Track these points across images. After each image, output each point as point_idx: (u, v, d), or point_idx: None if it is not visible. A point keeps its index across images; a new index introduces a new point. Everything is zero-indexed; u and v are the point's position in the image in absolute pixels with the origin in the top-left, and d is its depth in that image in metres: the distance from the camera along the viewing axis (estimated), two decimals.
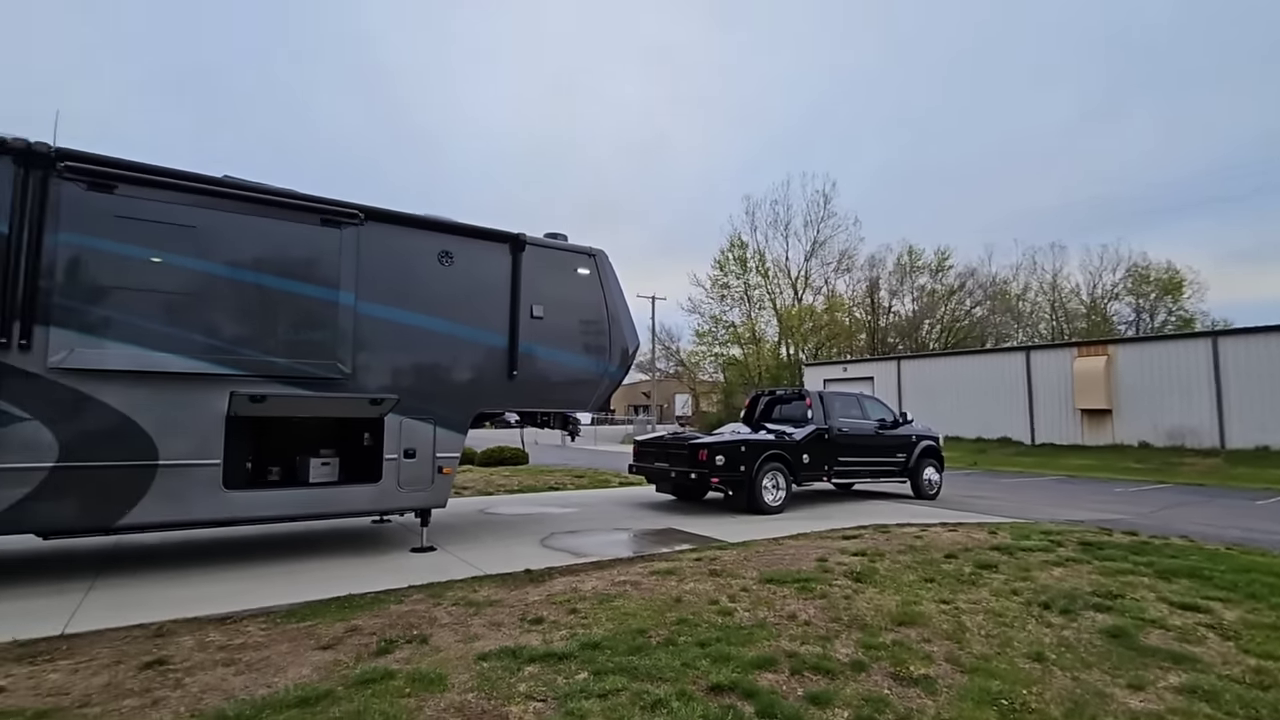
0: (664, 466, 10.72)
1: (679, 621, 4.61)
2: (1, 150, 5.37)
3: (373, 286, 6.93)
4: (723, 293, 48.15)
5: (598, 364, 8.47)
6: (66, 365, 5.48)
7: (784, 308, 47.06)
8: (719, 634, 4.38)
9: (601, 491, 13.25)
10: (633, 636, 4.26)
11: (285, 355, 6.42)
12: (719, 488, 10.15)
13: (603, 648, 4.05)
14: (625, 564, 6.53)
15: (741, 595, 5.33)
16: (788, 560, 6.62)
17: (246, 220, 6.42)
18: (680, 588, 5.52)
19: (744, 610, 4.94)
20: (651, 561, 6.59)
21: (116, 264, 5.76)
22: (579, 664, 3.81)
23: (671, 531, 8.61)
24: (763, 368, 44.71)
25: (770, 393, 13.22)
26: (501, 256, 7.88)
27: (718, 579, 5.83)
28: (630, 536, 8.39)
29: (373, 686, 3.45)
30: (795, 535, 8.12)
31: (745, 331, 48.05)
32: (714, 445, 10.06)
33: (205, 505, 6.04)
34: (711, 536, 8.09)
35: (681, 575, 5.95)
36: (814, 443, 11.06)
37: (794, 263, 48.44)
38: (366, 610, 4.88)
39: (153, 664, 3.78)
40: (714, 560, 6.57)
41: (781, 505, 10.26)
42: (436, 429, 7.26)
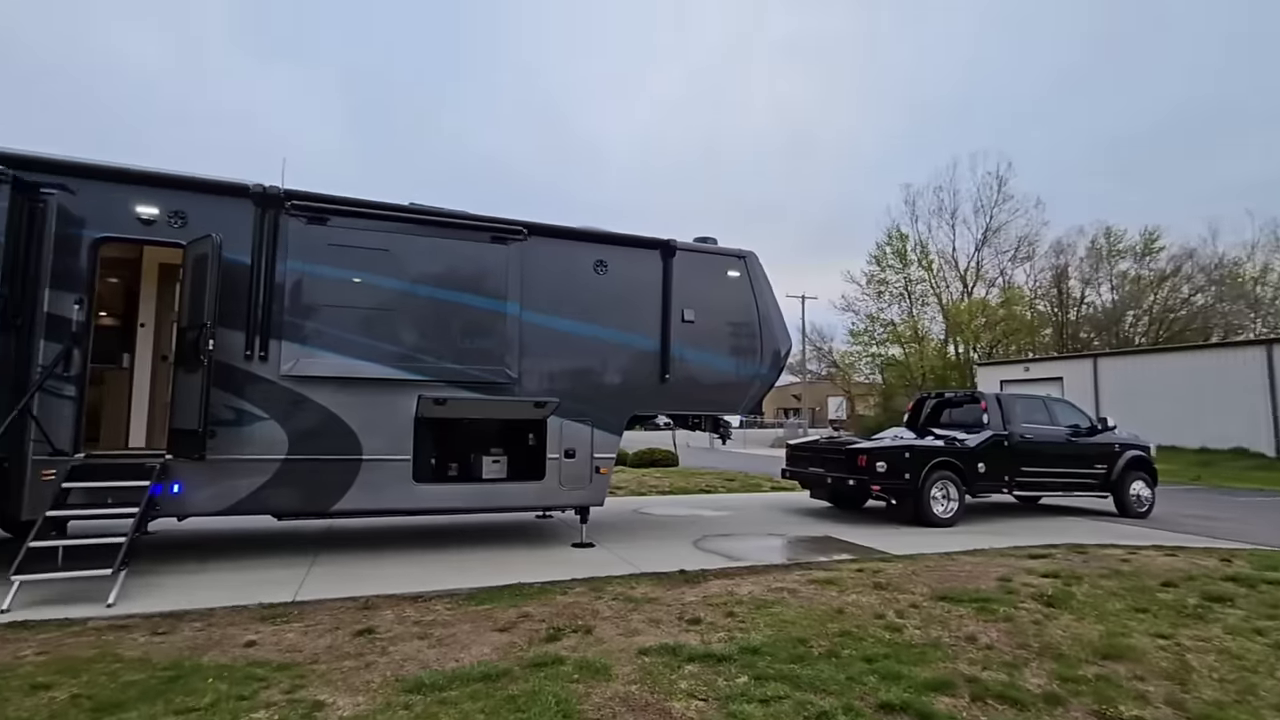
0: (819, 472, 10.34)
1: (842, 634, 4.41)
2: (245, 195, 6.46)
3: (535, 296, 7.42)
4: (880, 289, 45.32)
5: (749, 366, 8.39)
6: (293, 373, 6.45)
7: (951, 303, 43.35)
8: (887, 650, 4.14)
9: (753, 495, 13.07)
10: (793, 645, 4.15)
11: (461, 362, 7.06)
12: (880, 496, 9.59)
13: (762, 653, 3.99)
14: (781, 570, 6.38)
15: (911, 612, 4.99)
16: (963, 578, 6.09)
17: (428, 241, 7.17)
18: (842, 599, 5.28)
19: (914, 628, 4.62)
20: (809, 570, 6.38)
21: (328, 285, 6.69)
22: (739, 667, 3.79)
23: (829, 540, 8.27)
24: (926, 368, 41.52)
25: (938, 395, 12.25)
26: (653, 263, 8.07)
27: (883, 593, 5.51)
28: (785, 543, 8.19)
29: (545, 669, 3.68)
30: (970, 551, 7.45)
31: (906, 330, 44.88)
32: (875, 451, 9.53)
33: (398, 496, 6.81)
34: (873, 547, 7.66)
35: (842, 586, 5.69)
36: (991, 450, 10.08)
37: (962, 253, 44.46)
38: (535, 599, 5.21)
39: (363, 632, 4.33)
40: (878, 573, 6.22)
41: (953, 518, 9.46)
42: (594, 430, 7.59)
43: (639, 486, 13.72)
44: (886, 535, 8.52)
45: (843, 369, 51.37)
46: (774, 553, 7.51)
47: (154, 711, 3.11)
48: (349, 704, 3.25)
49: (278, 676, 3.55)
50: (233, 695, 3.29)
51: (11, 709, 3.12)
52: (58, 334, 5.85)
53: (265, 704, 3.22)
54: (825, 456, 10.41)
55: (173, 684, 3.43)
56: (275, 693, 3.35)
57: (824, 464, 10.31)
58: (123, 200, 6.15)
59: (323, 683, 3.50)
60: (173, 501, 6.06)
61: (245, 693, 3.33)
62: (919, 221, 45.76)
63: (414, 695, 3.34)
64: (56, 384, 5.82)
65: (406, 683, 3.49)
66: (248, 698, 3.28)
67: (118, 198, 6.14)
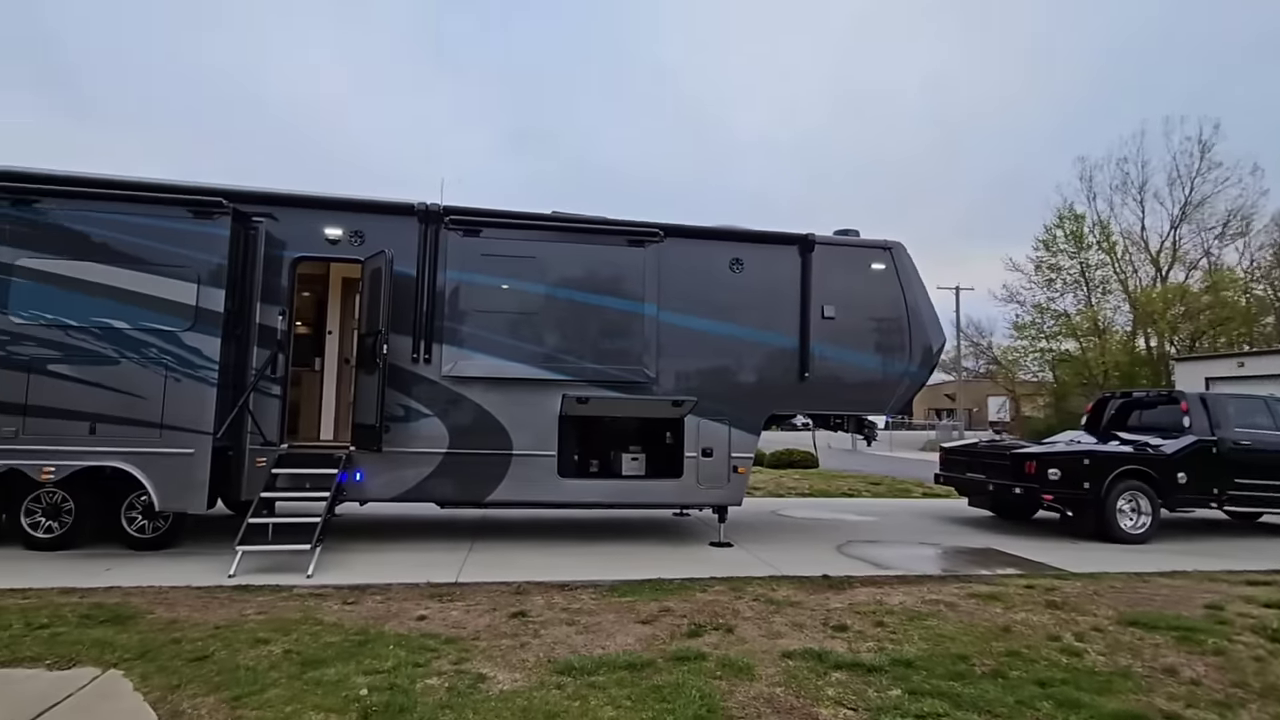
0: (979, 478, 9.51)
1: (1009, 654, 4.03)
2: (410, 213, 7.14)
3: (672, 297, 7.51)
4: (1050, 276, 40.32)
5: (896, 364, 7.91)
6: (453, 374, 7.04)
7: (1140, 290, 37.82)
8: (1064, 675, 3.72)
9: (901, 501, 12.31)
10: (952, 661, 3.86)
11: (601, 362, 7.32)
12: (1053, 507, 8.65)
13: (917, 667, 3.75)
14: (936, 582, 5.96)
15: (1093, 636, 4.45)
16: (1159, 602, 5.34)
17: (570, 247, 7.51)
18: (1008, 616, 4.83)
19: (1098, 654, 4.12)
20: (968, 583, 5.90)
21: (481, 292, 7.21)
22: (890, 679, 3.59)
23: (991, 552, 7.59)
24: (1109, 365, 36.55)
25: (1124, 395, 10.80)
26: (790, 258, 7.87)
27: (1058, 612, 4.97)
28: (939, 553, 7.63)
29: (687, 664, 3.72)
30: (1168, 573, 6.50)
31: (1084, 321, 39.74)
32: (1046, 456, 8.60)
33: (545, 489, 7.19)
34: (1044, 563, 6.92)
35: (1008, 602, 5.20)
36: (1194, 458, 8.73)
37: (1154, 233, 38.45)
38: (675, 595, 5.27)
39: (517, 614, 4.62)
40: (1051, 590, 5.61)
41: (1144, 534, 8.31)
42: (731, 430, 7.54)
43: (777, 488, 13.43)
44: (1061, 550, 7.66)
45: (1005, 366, 46.60)
46: (927, 562, 7.03)
47: (348, 670, 3.53)
48: (508, 679, 3.49)
49: (446, 649, 3.90)
50: (410, 662, 3.66)
51: (241, 657, 3.69)
52: (266, 342, 6.84)
53: (437, 672, 3.55)
54: (987, 461, 9.56)
55: (361, 647, 3.87)
56: (445, 663, 3.68)
57: (985, 469, 9.48)
58: (314, 224, 7.05)
59: (484, 658, 3.78)
60: (356, 488, 6.85)
61: (420, 660, 3.69)
62: (1097, 199, 40.25)
63: (565, 677, 3.52)
64: (266, 384, 6.80)
65: (558, 664, 3.69)
66: (422, 665, 3.63)
67: (310, 222, 7.05)
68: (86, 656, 3.69)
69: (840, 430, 8.99)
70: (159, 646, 3.84)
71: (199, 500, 6.26)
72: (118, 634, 4.03)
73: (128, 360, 6.20)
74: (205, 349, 6.31)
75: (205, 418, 6.26)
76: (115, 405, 6.16)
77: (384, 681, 3.38)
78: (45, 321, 6.11)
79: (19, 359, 6.05)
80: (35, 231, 6.22)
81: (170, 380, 6.24)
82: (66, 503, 6.40)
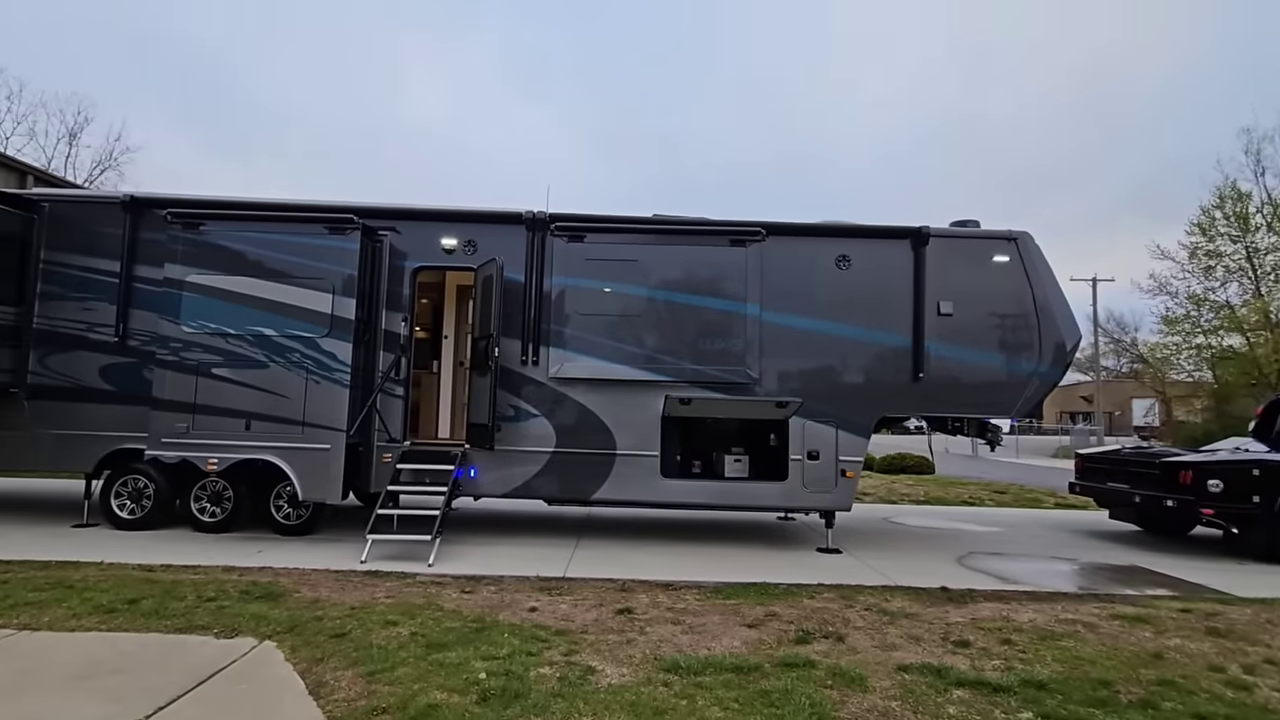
0: (1123, 488, 8.62)
1: (1161, 683, 3.62)
2: (519, 221, 7.46)
3: (774, 296, 7.37)
4: (1208, 264, 35.72)
5: (1024, 362, 7.34)
6: (559, 375, 7.27)
7: None
8: (1229, 711, 3.30)
9: (1030, 512, 11.38)
10: (1092, 686, 3.52)
11: (703, 363, 7.30)
12: (1214, 522, 7.69)
13: (1051, 690, 3.45)
14: (1072, 600, 5.46)
15: (1266, 669, 3.92)
16: None
17: (671, 249, 7.56)
18: (1160, 642, 4.34)
19: (1271, 689, 3.62)
20: (1110, 603, 5.36)
21: (584, 296, 7.40)
22: (1020, 701, 3.33)
23: (1138, 570, 6.87)
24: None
25: None
26: (902, 253, 7.50)
27: (1220, 640, 4.41)
28: (1075, 569, 6.99)
29: (796, 671, 3.63)
30: None
31: (1251, 313, 34.93)
32: (1206, 465, 7.67)
33: (648, 489, 7.27)
34: (1203, 584, 6.18)
35: (1160, 626, 4.68)
36: None
37: None
38: (781, 600, 5.16)
39: (623, 611, 4.70)
40: (1213, 616, 4.99)
41: None
42: (839, 432, 7.29)
43: (888, 494, 12.81)
44: (1222, 571, 6.80)
45: (1152, 365, 41.81)
46: (1060, 579, 6.46)
47: (468, 654, 3.74)
48: (615, 673, 3.56)
49: (556, 640, 4.03)
50: (523, 650, 3.81)
51: (374, 637, 4.00)
52: (391, 346, 7.38)
53: (549, 662, 3.68)
54: (1132, 470, 8.64)
55: (479, 634, 4.09)
56: (555, 654, 3.81)
57: (1130, 479, 8.57)
58: (432, 235, 7.53)
59: (592, 651, 3.88)
60: (470, 484, 7.23)
61: (532, 650, 3.84)
62: (1266, 174, 35.27)
63: (672, 675, 3.54)
64: (391, 386, 7.34)
65: (664, 662, 3.71)
66: (535, 654, 3.77)
67: (429, 234, 7.54)
68: (246, 628, 4.13)
69: (959, 434, 8.46)
70: (304, 623, 4.24)
71: (335, 491, 6.85)
72: (270, 609, 4.49)
73: (275, 364, 6.89)
74: (340, 354, 6.90)
75: (340, 416, 6.84)
76: (265, 404, 6.86)
77: (500, 667, 3.55)
78: (209, 330, 6.92)
79: (189, 363, 6.89)
80: (200, 251, 7.05)
81: (310, 382, 6.87)
82: (227, 491, 7.20)
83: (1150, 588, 6.05)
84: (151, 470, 7.15)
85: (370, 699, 3.17)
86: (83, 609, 4.39)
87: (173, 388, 6.87)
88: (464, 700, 3.16)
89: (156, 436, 6.85)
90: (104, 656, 3.67)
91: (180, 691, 3.25)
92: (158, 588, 4.90)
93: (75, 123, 29.07)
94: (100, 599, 4.58)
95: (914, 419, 8.51)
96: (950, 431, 8.36)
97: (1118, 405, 48.82)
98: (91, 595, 4.66)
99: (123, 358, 7.35)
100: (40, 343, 7.41)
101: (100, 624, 4.16)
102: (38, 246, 7.47)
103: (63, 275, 7.49)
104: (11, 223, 7.32)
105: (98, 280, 7.45)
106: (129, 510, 7.26)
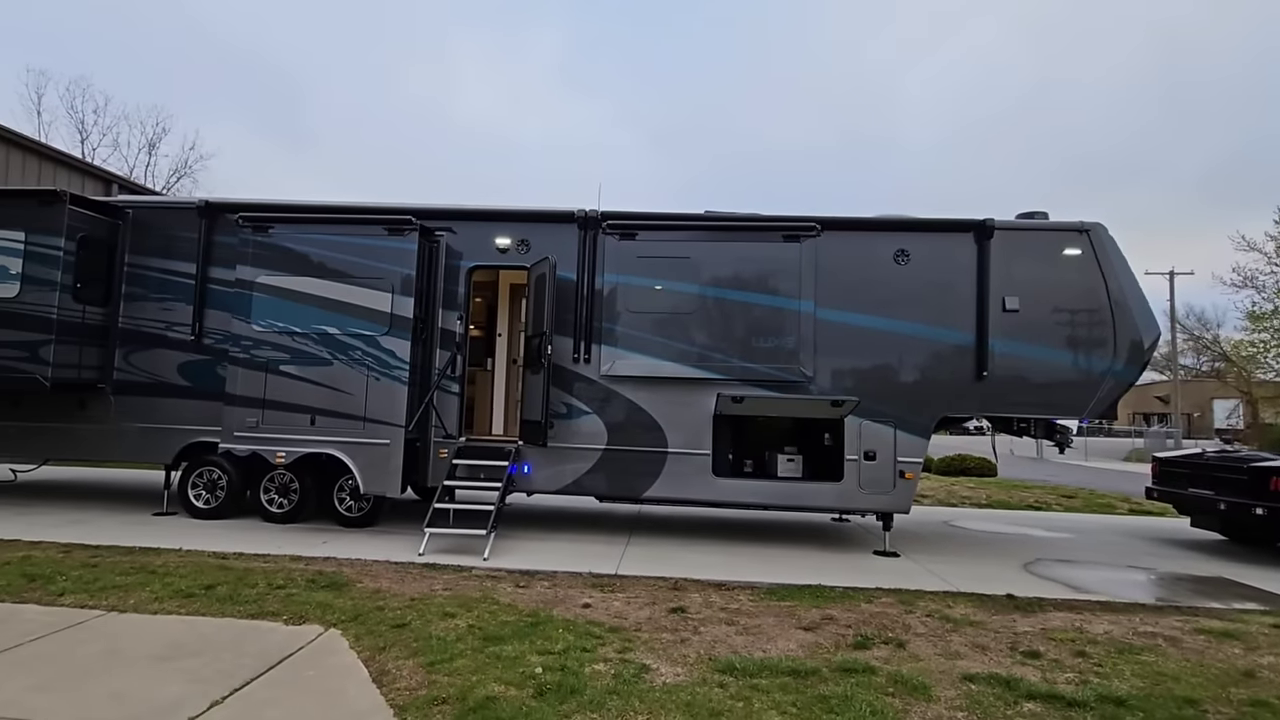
0: (1206, 495, 8.10)
1: (1255, 703, 3.38)
2: (570, 220, 7.51)
3: (830, 292, 7.20)
4: None
5: (1097, 361, 6.97)
6: (611, 373, 7.29)
7: None
8: None
9: (1102, 518, 10.82)
10: (1178, 705, 3.31)
11: (756, 361, 7.20)
12: None
13: (1131, 707, 3.26)
14: (1151, 612, 5.15)
15: None
16: None
17: (723, 246, 7.48)
18: (1251, 659, 4.06)
19: None
20: (1194, 616, 5.04)
21: (636, 294, 7.40)
22: (1097, 718, 3.16)
23: (1224, 582, 6.44)
24: None
25: None
26: (965, 247, 7.22)
27: None
28: (1154, 579, 6.60)
29: (855, 676, 3.53)
30: None
31: None
32: None
33: (699, 487, 7.22)
34: None
35: (1250, 643, 4.38)
36: None
37: None
38: (838, 603, 5.05)
39: (676, 610, 4.68)
40: None
41: None
42: (897, 432, 7.08)
43: (948, 496, 12.40)
44: None
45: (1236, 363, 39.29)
46: (1137, 589, 6.11)
47: (523, 648, 3.79)
48: (670, 672, 3.54)
49: (610, 637, 4.04)
50: (578, 646, 3.84)
51: (433, 628, 4.09)
52: (447, 344, 7.54)
53: (603, 659, 3.69)
54: (1216, 475, 8.12)
55: (534, 628, 4.13)
56: (609, 650, 3.82)
57: (1214, 485, 8.06)
58: (486, 235, 7.66)
59: (646, 649, 3.87)
60: (524, 480, 7.33)
61: (587, 646, 3.85)
62: None
63: (727, 676, 3.50)
64: (447, 383, 7.50)
65: (719, 663, 3.67)
66: (589, 650, 3.79)
67: (483, 233, 7.67)
68: (312, 616, 4.29)
69: (1025, 435, 8.11)
70: (367, 612, 4.37)
71: (394, 485, 7.05)
72: (335, 598, 4.65)
73: (338, 361, 7.14)
74: (399, 351, 7.09)
75: (399, 412, 7.04)
76: (329, 400, 7.12)
77: (555, 663, 3.58)
78: (278, 329, 7.21)
79: (259, 360, 7.20)
80: (269, 253, 7.35)
81: (371, 379, 7.09)
82: (293, 483, 7.50)
83: (1237, 601, 5.66)
84: (224, 462, 7.51)
85: (430, 689, 3.24)
86: (164, 593, 4.64)
87: (244, 384, 7.20)
88: (521, 694, 3.19)
89: (229, 430, 7.19)
90: (184, 639, 3.87)
91: (253, 675, 3.39)
92: (231, 574, 5.15)
93: (154, 133, 30.87)
94: (179, 584, 4.84)
95: (975, 419, 8.19)
96: (1016, 433, 8.02)
97: (1197, 406, 46.01)
98: (172, 580, 4.93)
99: (198, 355, 7.75)
100: (124, 341, 7.89)
101: (180, 608, 4.38)
102: (122, 250, 7.95)
103: (144, 277, 7.95)
104: (100, 228, 7.81)
105: (176, 281, 7.88)
106: (204, 500, 7.65)
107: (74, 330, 7.52)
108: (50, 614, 4.21)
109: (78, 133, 29.54)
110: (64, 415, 7.88)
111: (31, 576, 4.93)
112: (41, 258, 7.38)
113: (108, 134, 35.53)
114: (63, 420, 7.90)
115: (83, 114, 29.74)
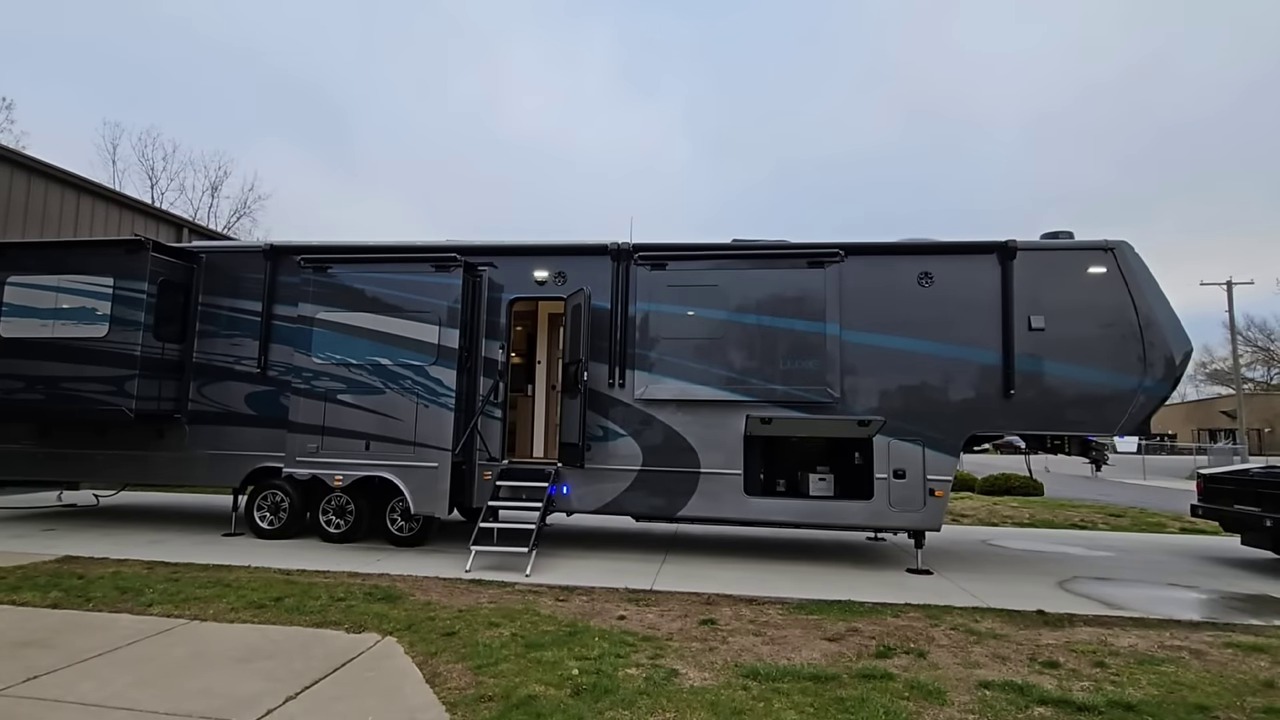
0: (1254, 512, 7.94)
1: (1268, 710, 3.45)
2: (604, 253, 7.93)
3: (855, 315, 7.43)
4: None
5: (1127, 377, 7.00)
6: (645, 397, 7.63)
7: None
8: None
9: (1149, 536, 10.57)
10: (1187, 711, 3.42)
11: (784, 383, 7.44)
12: None
13: (1140, 712, 3.38)
14: (1184, 628, 5.16)
15: None
16: None
17: (751, 273, 7.78)
18: (1275, 671, 4.09)
19: None
20: (1227, 631, 5.04)
21: (667, 321, 7.75)
22: None
23: (1267, 600, 6.34)
24: None
25: None
26: (988, 268, 7.37)
27: None
28: (1195, 597, 6.53)
29: (873, 682, 3.73)
30: None
31: None
32: None
33: (731, 506, 7.45)
34: None
35: (1278, 656, 4.39)
36: None
37: None
38: (864, 617, 5.22)
39: (706, 622, 4.93)
40: None
41: None
42: (925, 450, 7.21)
43: (990, 516, 12.25)
44: None
45: None
46: (1174, 605, 6.07)
47: (562, 654, 4.10)
48: (698, 677, 3.80)
49: (643, 645, 4.32)
50: (612, 653, 4.13)
51: (480, 636, 4.45)
52: (490, 372, 8.01)
53: (635, 664, 3.97)
54: (1264, 492, 7.95)
55: (572, 637, 4.45)
56: (642, 657, 4.10)
57: (1261, 501, 7.89)
58: (526, 268, 8.14)
59: (676, 656, 4.14)
60: (563, 500, 7.68)
61: (621, 653, 4.15)
62: None
63: (750, 680, 3.74)
64: (490, 409, 7.95)
65: (744, 669, 3.92)
66: (623, 657, 4.08)
67: (523, 267, 8.15)
68: (370, 625, 4.69)
69: (1060, 453, 8.11)
70: (419, 622, 4.75)
71: (442, 506, 7.49)
72: (390, 609, 5.05)
73: (390, 390, 7.66)
74: (445, 380, 7.57)
75: (446, 437, 7.50)
76: (382, 426, 7.63)
77: (591, 667, 3.88)
78: (335, 361, 7.79)
79: (319, 390, 7.78)
80: (328, 290, 7.97)
81: (420, 406, 7.58)
82: (349, 505, 8.01)
83: (1278, 618, 5.59)
84: (287, 485, 8.09)
85: (478, 688, 3.57)
86: (239, 604, 5.12)
87: (305, 412, 7.78)
88: (559, 693, 3.50)
89: (292, 455, 7.77)
90: (258, 644, 4.30)
91: (320, 675, 3.78)
92: (297, 588, 5.61)
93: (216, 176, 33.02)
94: (252, 596, 5.32)
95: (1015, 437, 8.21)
96: (1050, 450, 8.04)
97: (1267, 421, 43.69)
98: (245, 593, 5.42)
99: (264, 386, 8.40)
100: (197, 374, 8.61)
101: (253, 617, 4.84)
102: (196, 291, 8.71)
103: (215, 315, 8.69)
104: (177, 272, 8.58)
105: (243, 319, 8.58)
106: (269, 521, 8.23)
107: (155, 366, 8.26)
108: (142, 622, 4.71)
109: (148, 178, 31.84)
110: (144, 444, 8.62)
111: (123, 589, 5.48)
112: (127, 300, 8.17)
113: (175, 179, 38.12)
114: (143, 449, 8.64)
115: (152, 161, 32.10)
